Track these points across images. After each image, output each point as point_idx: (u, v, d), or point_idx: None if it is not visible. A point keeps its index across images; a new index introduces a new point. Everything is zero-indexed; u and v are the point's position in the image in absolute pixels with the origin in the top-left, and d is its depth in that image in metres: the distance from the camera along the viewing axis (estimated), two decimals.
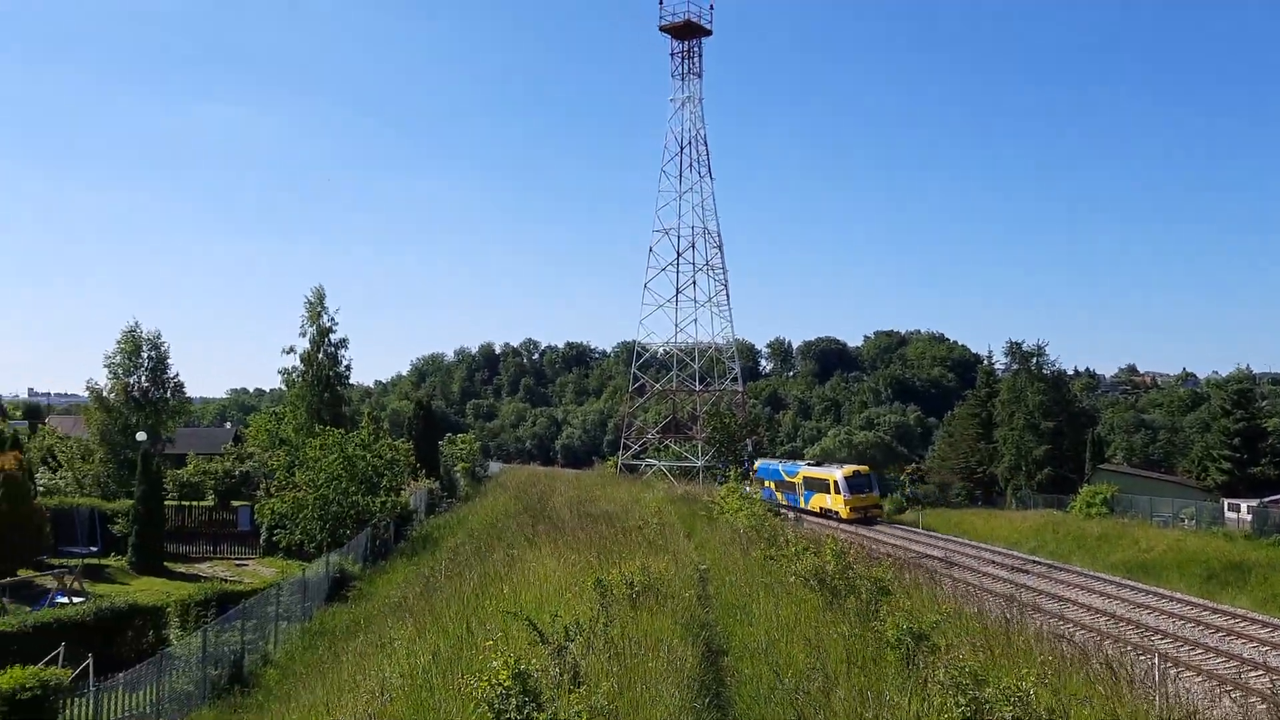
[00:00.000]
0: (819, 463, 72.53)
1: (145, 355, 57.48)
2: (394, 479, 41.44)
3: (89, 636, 24.64)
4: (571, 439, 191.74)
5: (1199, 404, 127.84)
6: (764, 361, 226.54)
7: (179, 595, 28.43)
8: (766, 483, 64.96)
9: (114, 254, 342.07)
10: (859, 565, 15.99)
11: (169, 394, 58.41)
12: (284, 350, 55.75)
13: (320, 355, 55.56)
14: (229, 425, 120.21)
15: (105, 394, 56.16)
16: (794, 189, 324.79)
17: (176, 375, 58.97)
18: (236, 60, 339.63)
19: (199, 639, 21.74)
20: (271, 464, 47.29)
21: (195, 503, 49.96)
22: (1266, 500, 52.13)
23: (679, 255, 79.45)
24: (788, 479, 64.22)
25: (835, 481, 58.36)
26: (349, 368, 57.58)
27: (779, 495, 62.72)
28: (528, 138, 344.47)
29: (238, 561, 43.41)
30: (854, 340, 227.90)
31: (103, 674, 21.03)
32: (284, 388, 58.51)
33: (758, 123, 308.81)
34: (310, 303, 55.91)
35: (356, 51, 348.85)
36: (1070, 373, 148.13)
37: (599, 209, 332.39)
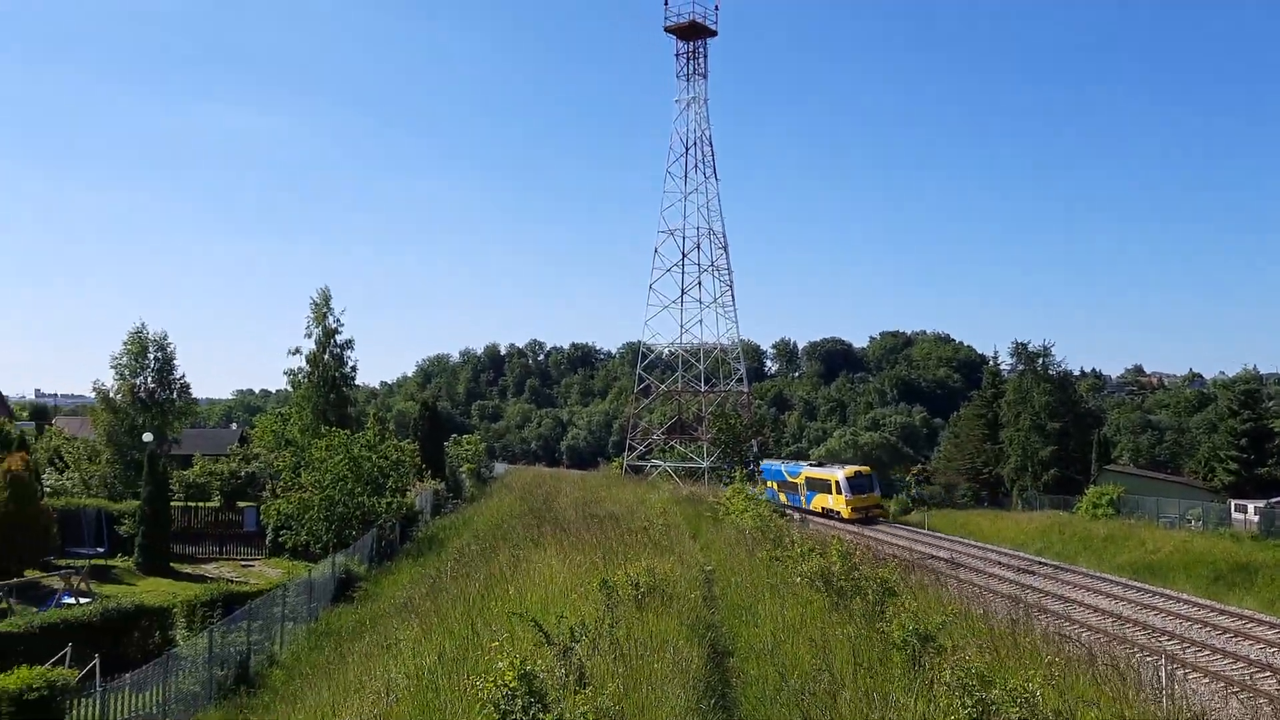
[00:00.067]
0: (821, 463, 73.12)
1: (152, 356, 57.60)
2: (399, 480, 41.48)
3: (96, 637, 24.71)
4: (577, 440, 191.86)
5: (1206, 404, 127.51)
6: (769, 362, 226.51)
7: (185, 596, 28.48)
8: (769, 483, 65.00)
9: (118, 255, 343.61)
10: (864, 566, 15.97)
11: (175, 395, 58.53)
12: (289, 351, 55.92)
13: (326, 356, 55.60)
14: (235, 426, 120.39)
15: (112, 395, 56.28)
16: (798, 189, 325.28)
17: (183, 376, 59.20)
18: (237, 60, 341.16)
19: (205, 640, 21.76)
20: (277, 465, 47.40)
21: (201, 504, 50.06)
22: (1273, 501, 51.92)
23: (684, 256, 79.38)
24: (790, 479, 64.35)
25: (837, 482, 58.56)
26: (354, 369, 57.65)
27: (781, 496, 62.80)
28: (531, 138, 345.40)
29: (244, 562, 43.48)
30: (859, 341, 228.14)
31: (109, 674, 21.09)
32: (290, 389, 58.59)
33: (761, 123, 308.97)
34: (316, 304, 55.99)
35: (358, 52, 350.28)
36: (1076, 373, 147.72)
37: (604, 210, 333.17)
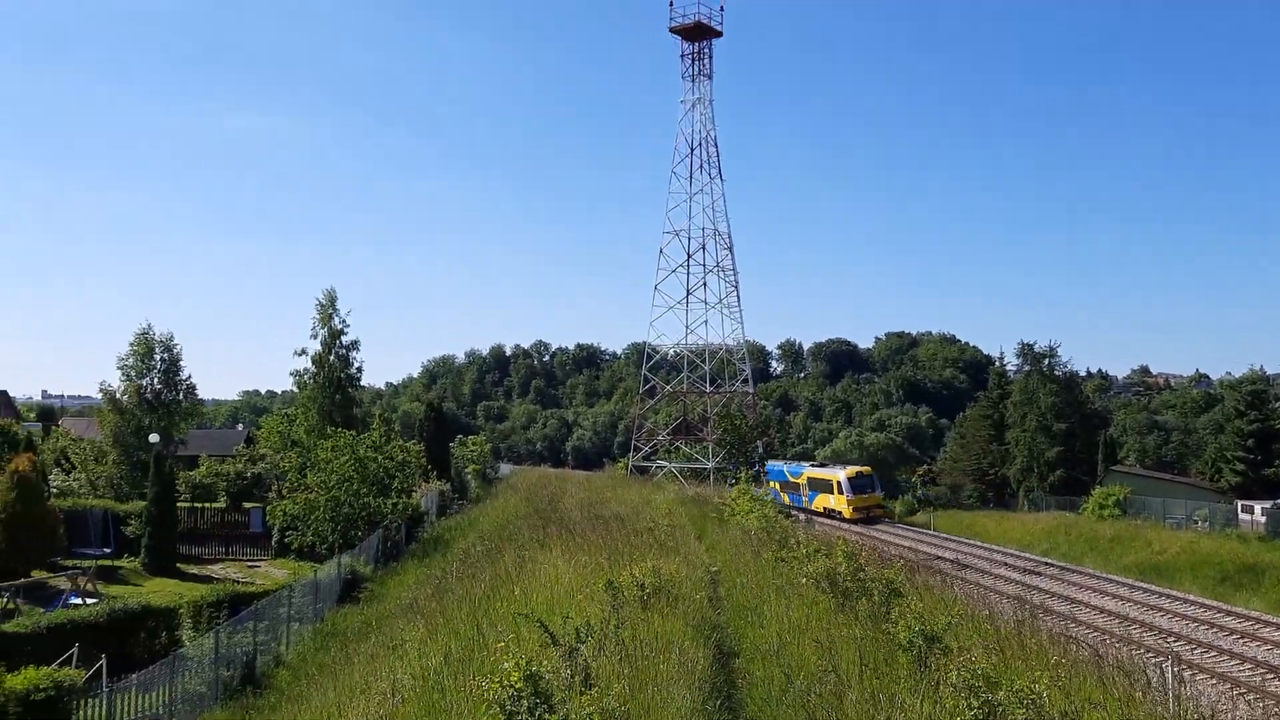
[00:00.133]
0: (823, 464, 73.74)
1: (158, 357, 57.62)
2: (405, 481, 41.52)
3: (102, 638, 24.77)
4: (582, 441, 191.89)
5: (1212, 405, 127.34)
6: (775, 363, 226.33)
7: (192, 596, 28.56)
8: (772, 483, 65.17)
9: (123, 255, 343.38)
10: (870, 567, 15.95)
11: (181, 396, 58.54)
12: (295, 352, 55.85)
13: (332, 357, 55.61)
14: (241, 427, 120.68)
15: (118, 396, 56.32)
16: (803, 190, 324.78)
17: (189, 377, 59.12)
18: (237, 60, 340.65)
19: (211, 640, 21.80)
20: (283, 466, 47.50)
21: (208, 504, 50.12)
22: None
23: (689, 257, 79.48)
24: (792, 480, 64.68)
25: (838, 482, 58.97)
26: (360, 370, 57.62)
27: (784, 496, 63.00)
28: (534, 139, 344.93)
29: (250, 563, 43.55)
30: (865, 342, 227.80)
31: (116, 675, 21.15)
32: (295, 389, 58.64)
33: (766, 124, 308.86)
34: (322, 304, 56.01)
35: (360, 52, 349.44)
36: (1082, 374, 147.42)
37: (609, 211, 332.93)
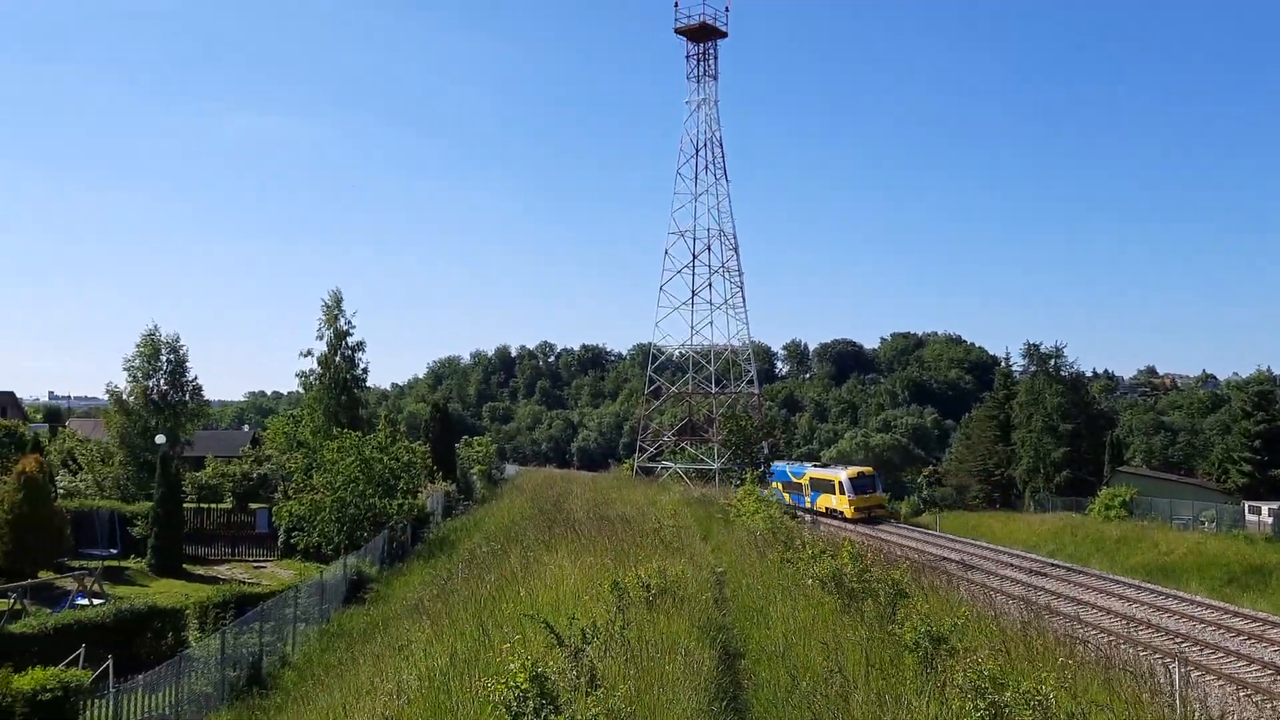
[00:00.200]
0: (825, 465, 75.03)
1: (164, 358, 57.77)
2: (411, 481, 41.55)
3: (109, 638, 24.83)
4: (587, 441, 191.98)
5: (1219, 406, 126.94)
6: (780, 364, 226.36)
7: (198, 597, 28.57)
8: (775, 484, 65.30)
9: (124, 256, 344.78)
10: (876, 568, 15.94)
11: (188, 397, 58.70)
12: (301, 353, 56.08)
13: (337, 358, 55.74)
14: (247, 428, 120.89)
15: (125, 397, 56.48)
16: (808, 190, 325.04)
17: (195, 378, 59.29)
18: (239, 61, 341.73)
19: (217, 641, 21.81)
20: (289, 466, 47.53)
21: (214, 505, 50.22)
22: None
23: (695, 258, 79.36)
24: (795, 480, 65.01)
25: (840, 482, 59.36)
26: (366, 371, 57.78)
27: (786, 496, 63.17)
28: (539, 139, 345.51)
29: (256, 564, 43.62)
30: (870, 342, 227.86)
31: (122, 675, 21.16)
32: (301, 390, 58.77)
33: (769, 124, 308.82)
34: (327, 305, 56.15)
35: (363, 53, 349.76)
36: (1089, 375, 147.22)
37: (614, 211, 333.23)
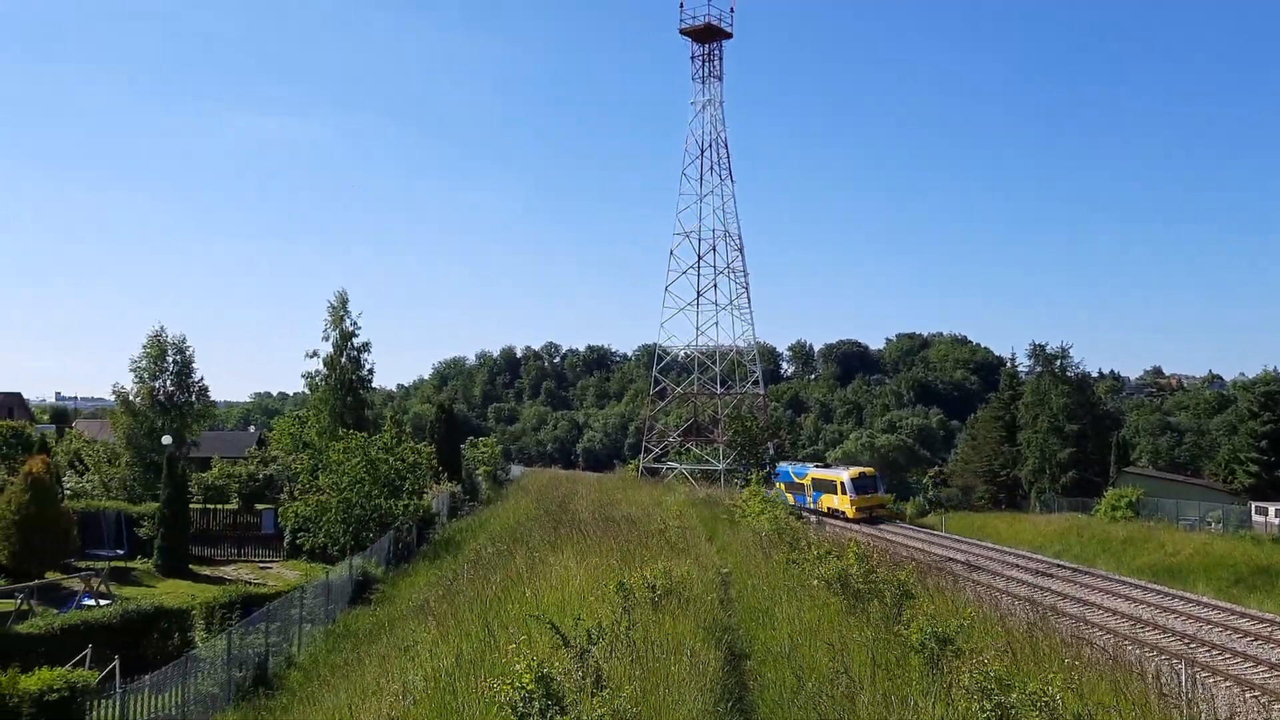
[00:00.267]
0: (827, 465, 76.62)
1: (170, 359, 57.90)
2: (416, 482, 41.60)
3: (115, 638, 24.86)
4: (593, 442, 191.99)
5: (1225, 406, 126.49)
6: (785, 364, 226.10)
7: (204, 598, 28.62)
8: (779, 484, 65.44)
9: (125, 256, 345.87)
10: (882, 569, 15.92)
11: (194, 398, 58.82)
12: (307, 354, 56.13)
13: (343, 359, 55.82)
14: (253, 429, 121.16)
15: (131, 398, 56.62)
16: (813, 191, 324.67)
17: (201, 379, 59.42)
18: (239, 61, 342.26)
19: (224, 641, 21.85)
20: (295, 467, 47.63)
21: (220, 506, 50.33)
22: None
23: (700, 258, 79.26)
24: (797, 480, 65.32)
25: (842, 483, 59.80)
26: (371, 371, 57.86)
27: (789, 496, 63.32)
28: (543, 140, 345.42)
29: (262, 564, 43.67)
30: (876, 343, 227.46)
31: (129, 676, 21.21)
32: (307, 391, 58.88)
33: (773, 124, 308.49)
34: (333, 306, 56.23)
35: (366, 54, 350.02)
36: (1095, 375, 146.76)
37: (619, 212, 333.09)
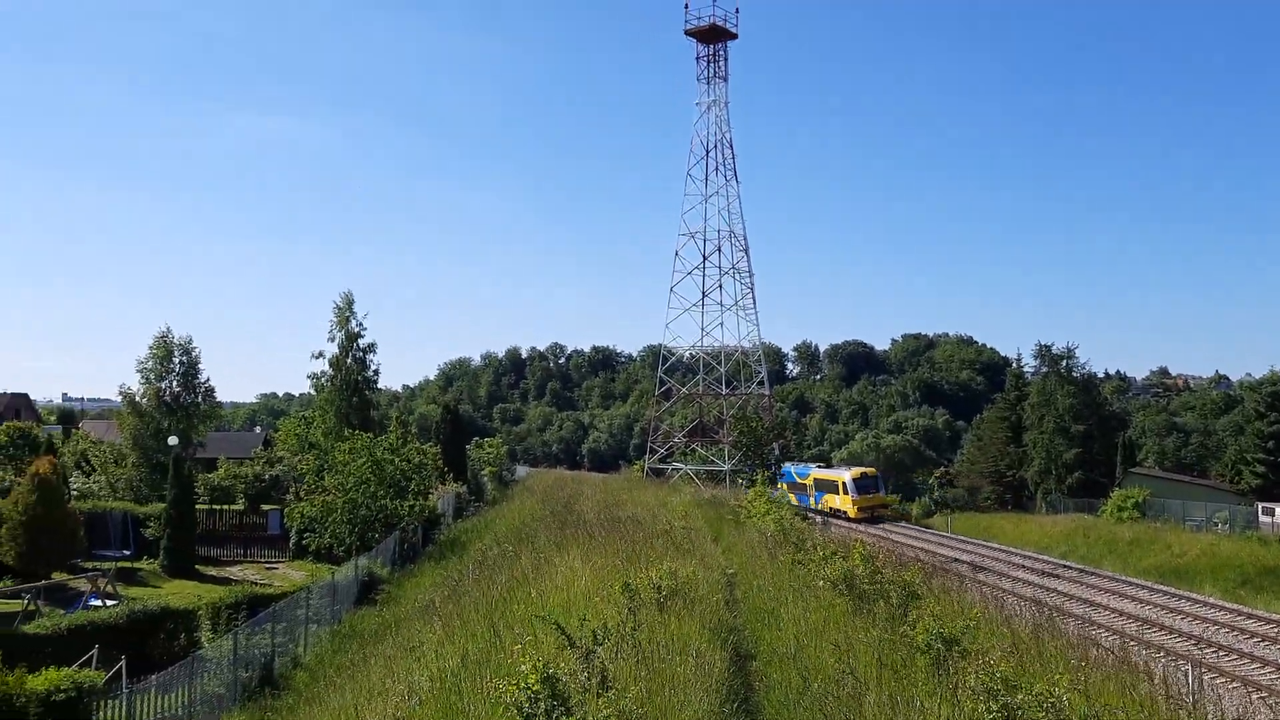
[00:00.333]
0: (829, 465, 77.99)
1: (177, 360, 58.05)
2: (422, 483, 41.64)
3: (122, 639, 24.96)
4: (598, 443, 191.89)
5: (1232, 407, 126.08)
6: (791, 365, 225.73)
7: (210, 598, 28.72)
8: (782, 485, 65.53)
9: (126, 257, 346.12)
10: (888, 570, 15.90)
11: (200, 399, 58.96)
12: (313, 355, 56.34)
13: (349, 360, 55.93)
14: (259, 430, 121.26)
15: (138, 399, 56.75)
16: (818, 191, 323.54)
17: (207, 380, 59.61)
18: (239, 61, 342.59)
19: (230, 642, 21.90)
20: (301, 468, 47.72)
21: (226, 506, 50.42)
22: None
23: (705, 259, 79.32)
24: (800, 480, 65.50)
25: (844, 483, 60.18)
26: (377, 372, 58.00)
27: (792, 497, 63.34)
28: (547, 140, 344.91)
29: (268, 565, 43.76)
30: (881, 343, 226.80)
31: (135, 676, 21.27)
32: (313, 392, 59.03)
33: (777, 124, 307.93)
34: (339, 307, 56.37)
35: (368, 55, 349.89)
36: (1101, 376, 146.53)
37: (625, 213, 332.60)
